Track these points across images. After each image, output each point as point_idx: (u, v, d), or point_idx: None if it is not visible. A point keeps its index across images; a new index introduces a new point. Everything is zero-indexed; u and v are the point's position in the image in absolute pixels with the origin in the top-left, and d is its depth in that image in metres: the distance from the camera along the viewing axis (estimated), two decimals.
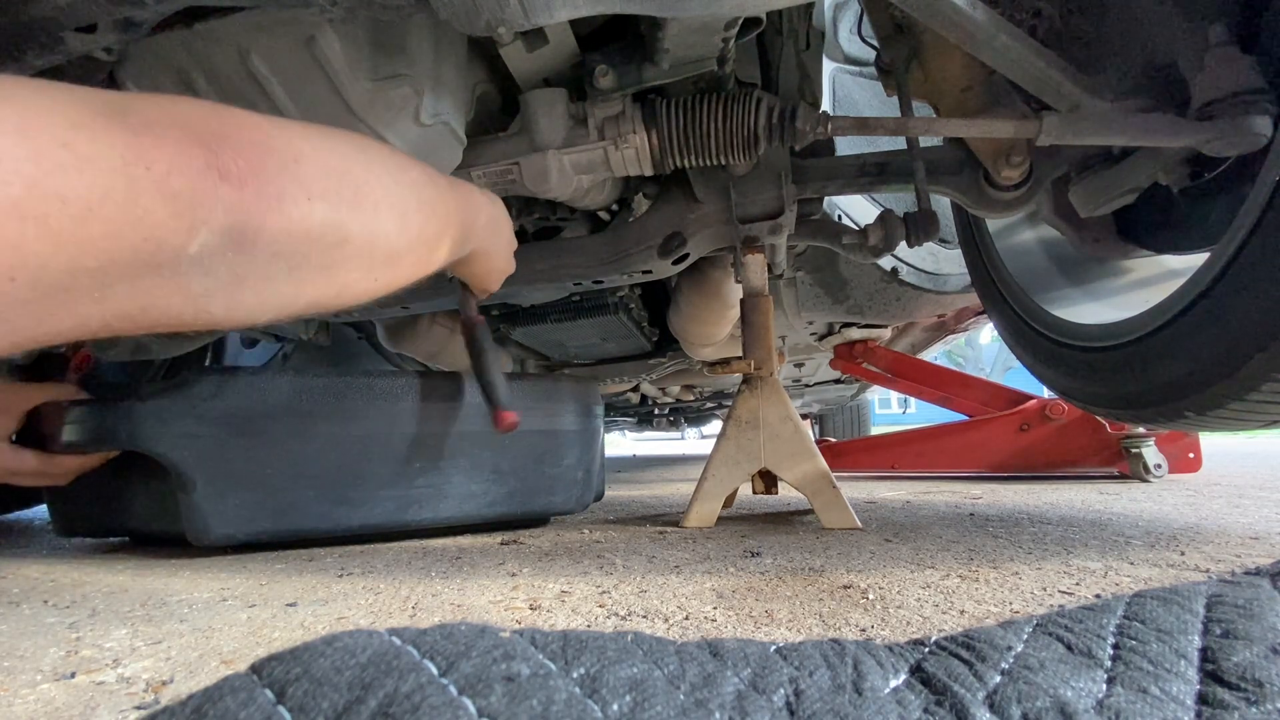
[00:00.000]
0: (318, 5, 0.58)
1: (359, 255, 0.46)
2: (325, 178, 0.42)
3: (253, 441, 0.91)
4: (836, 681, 0.21)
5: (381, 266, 0.49)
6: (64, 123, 0.29)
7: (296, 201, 0.39)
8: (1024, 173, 0.96)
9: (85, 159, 0.29)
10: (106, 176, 0.29)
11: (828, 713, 0.19)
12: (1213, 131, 0.71)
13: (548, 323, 1.50)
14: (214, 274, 0.37)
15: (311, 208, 0.40)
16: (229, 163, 0.35)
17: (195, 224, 0.34)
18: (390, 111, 0.73)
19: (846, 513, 1.02)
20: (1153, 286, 1.04)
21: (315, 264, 0.43)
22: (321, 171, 0.42)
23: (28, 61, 0.57)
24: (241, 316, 0.41)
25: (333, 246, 0.43)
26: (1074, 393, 1.05)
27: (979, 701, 0.21)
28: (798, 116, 0.90)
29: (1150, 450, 1.78)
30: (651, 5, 0.61)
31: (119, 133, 0.31)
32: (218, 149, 0.35)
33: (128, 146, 0.31)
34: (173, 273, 0.34)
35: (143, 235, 0.31)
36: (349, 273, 0.46)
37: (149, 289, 0.34)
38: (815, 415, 4.40)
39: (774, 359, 1.08)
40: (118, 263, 0.31)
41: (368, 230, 0.46)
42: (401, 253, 0.51)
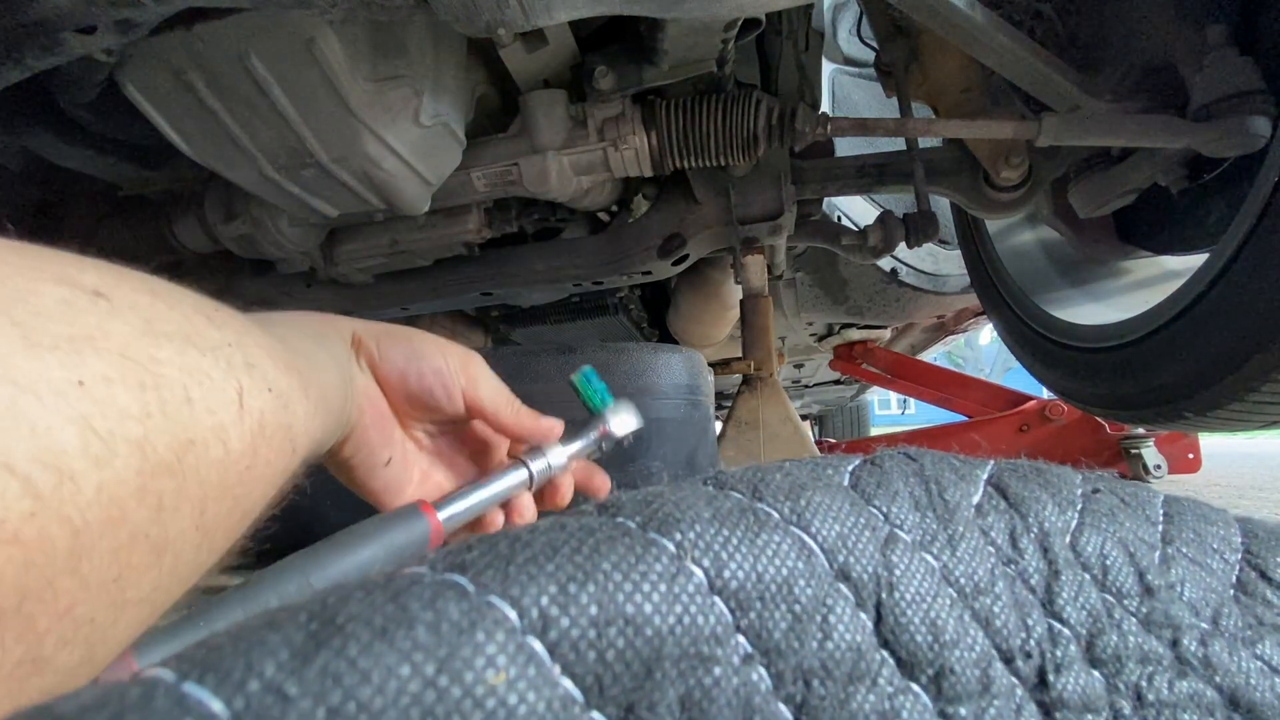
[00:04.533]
0: (317, 7, 0.58)
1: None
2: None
3: None
4: (926, 530, 0.19)
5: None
6: None
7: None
8: (1023, 174, 0.96)
9: None
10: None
11: (920, 607, 0.17)
12: (1211, 132, 0.71)
13: (547, 323, 1.50)
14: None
15: None
16: None
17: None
18: (390, 113, 0.73)
19: None
20: (1152, 287, 1.04)
21: None
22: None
23: (26, 63, 0.57)
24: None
25: None
26: (1073, 393, 1.05)
27: (1064, 538, 0.20)
28: (797, 117, 0.91)
29: (1150, 451, 1.78)
30: (651, 6, 0.61)
31: None
32: None
33: None
34: None
35: None
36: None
37: None
38: (815, 416, 4.40)
39: (773, 360, 1.08)
40: None
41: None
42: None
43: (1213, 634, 0.19)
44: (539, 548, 0.14)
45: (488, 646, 0.12)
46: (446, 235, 1.03)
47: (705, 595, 0.15)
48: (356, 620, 0.12)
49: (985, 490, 0.21)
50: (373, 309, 1.20)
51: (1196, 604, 0.20)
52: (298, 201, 0.83)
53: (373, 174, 0.77)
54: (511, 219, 1.06)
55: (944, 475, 0.21)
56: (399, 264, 1.10)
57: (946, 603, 0.17)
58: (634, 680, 0.13)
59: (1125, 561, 0.20)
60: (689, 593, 0.15)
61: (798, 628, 0.15)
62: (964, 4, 0.69)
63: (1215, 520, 0.22)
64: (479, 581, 0.13)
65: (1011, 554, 0.19)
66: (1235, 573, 0.21)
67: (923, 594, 0.17)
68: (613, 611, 0.14)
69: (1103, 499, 0.21)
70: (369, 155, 0.74)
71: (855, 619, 0.16)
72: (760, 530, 0.17)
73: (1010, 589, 0.18)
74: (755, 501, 0.18)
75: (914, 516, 0.19)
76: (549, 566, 0.14)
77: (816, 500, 0.18)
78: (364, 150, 0.74)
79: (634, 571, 0.14)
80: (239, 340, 0.24)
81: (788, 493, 0.18)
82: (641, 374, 0.85)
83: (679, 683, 0.14)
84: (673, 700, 0.13)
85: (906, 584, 0.17)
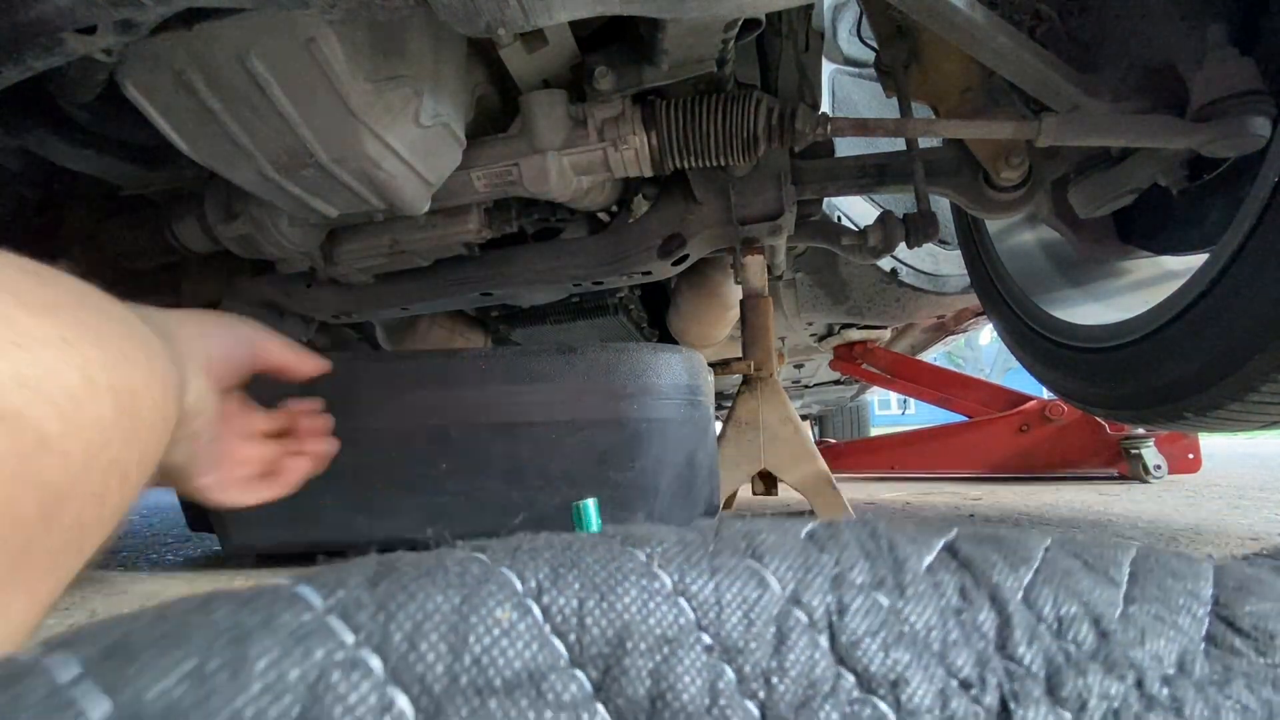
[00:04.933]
0: (317, 6, 0.58)
1: None
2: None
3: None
4: (877, 576, 0.20)
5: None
6: None
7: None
8: (1023, 174, 0.96)
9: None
10: None
11: (874, 632, 0.19)
12: (1212, 132, 0.71)
13: (547, 324, 1.50)
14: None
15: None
16: None
17: None
18: (390, 113, 0.72)
19: (847, 514, 1.02)
20: (1152, 287, 1.04)
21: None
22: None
23: (26, 63, 0.56)
24: None
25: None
26: (1074, 394, 1.05)
27: (1016, 594, 0.20)
28: (797, 118, 0.91)
29: (1150, 451, 1.78)
30: (651, 6, 0.61)
31: None
32: None
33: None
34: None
35: None
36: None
37: None
38: (815, 416, 4.40)
39: (773, 360, 1.08)
40: None
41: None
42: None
43: (1179, 677, 0.19)
44: (537, 542, 0.19)
45: (499, 594, 0.16)
46: (446, 235, 1.03)
47: (670, 596, 0.18)
48: (409, 566, 0.17)
49: (938, 554, 0.22)
50: (373, 309, 1.20)
51: (1160, 653, 0.20)
52: (298, 201, 0.83)
53: (373, 174, 0.77)
54: (511, 219, 1.06)
55: (896, 537, 0.22)
56: (399, 264, 1.10)
57: (899, 632, 0.19)
58: (610, 650, 0.16)
59: (1082, 614, 0.20)
60: (656, 590, 0.18)
61: (755, 633, 0.18)
62: (964, 4, 0.69)
63: (1184, 575, 0.23)
64: (492, 557, 0.18)
65: (960, 604, 0.20)
66: (1204, 627, 0.21)
67: (875, 623, 0.19)
68: (593, 593, 0.17)
69: (1061, 561, 0.22)
70: (369, 155, 0.74)
71: (811, 636, 0.18)
72: (718, 556, 0.19)
73: (962, 631, 0.19)
74: (715, 538, 0.20)
75: (864, 563, 0.21)
76: (545, 554, 0.18)
77: (771, 540, 0.20)
78: (364, 150, 0.74)
79: (610, 566, 0.18)
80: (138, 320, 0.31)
81: (744, 535, 0.21)
82: (642, 374, 0.85)
83: (648, 657, 0.16)
84: (644, 672, 0.16)
85: (858, 612, 0.19)
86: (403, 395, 0.83)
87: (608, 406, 0.84)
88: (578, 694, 0.16)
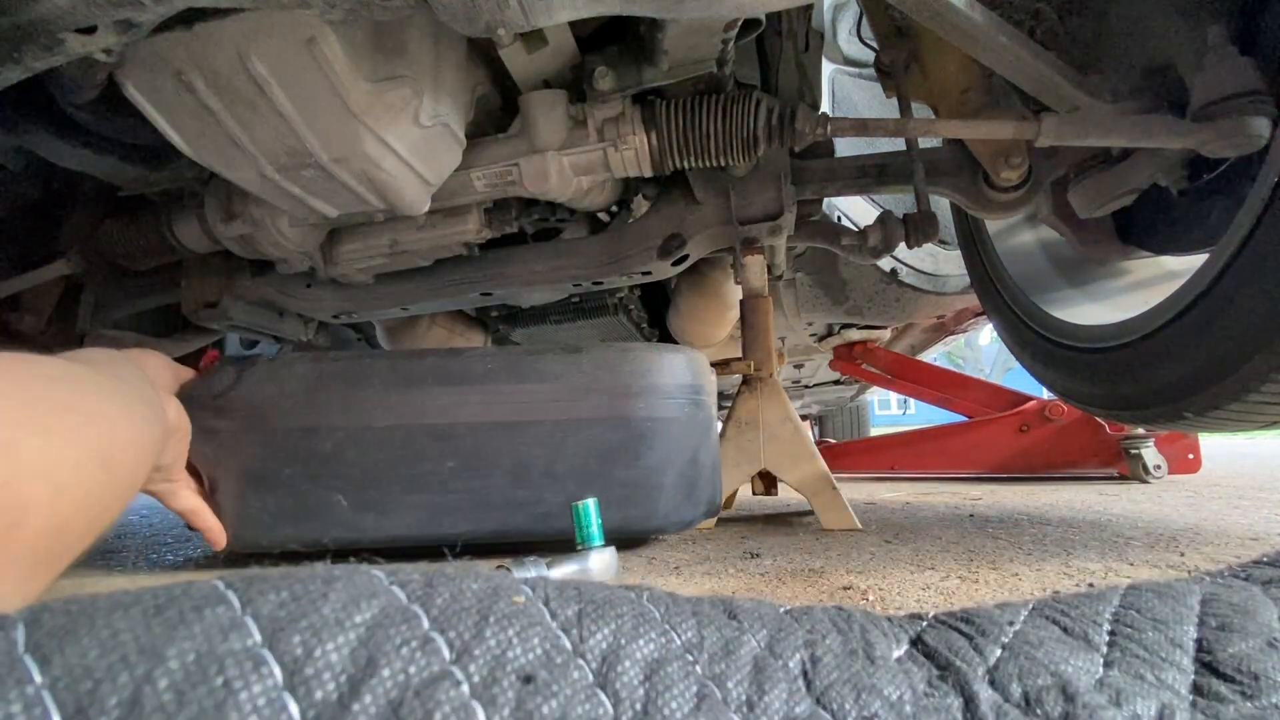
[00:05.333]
0: (317, 7, 0.59)
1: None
2: None
3: (268, 437, 0.80)
4: (848, 647, 0.21)
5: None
6: None
7: None
8: (1023, 174, 0.96)
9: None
10: None
11: (845, 682, 0.20)
12: (1212, 133, 0.71)
13: (548, 323, 1.50)
14: None
15: None
16: None
17: None
18: (390, 113, 0.72)
19: (846, 514, 1.02)
20: (1152, 288, 1.04)
21: None
22: None
23: (26, 63, 0.57)
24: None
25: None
26: (1073, 394, 1.05)
27: (980, 677, 0.21)
28: (797, 118, 0.91)
29: (1150, 451, 1.78)
30: (651, 6, 0.61)
31: None
32: None
33: None
34: None
35: None
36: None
37: None
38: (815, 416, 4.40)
39: (773, 360, 1.08)
40: None
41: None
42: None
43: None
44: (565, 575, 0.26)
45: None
46: (446, 235, 1.03)
47: (659, 623, 0.20)
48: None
49: (907, 649, 0.23)
50: (373, 309, 1.20)
51: (1139, 711, 0.20)
52: (298, 201, 0.83)
53: (373, 174, 0.77)
54: (511, 219, 1.06)
55: (869, 624, 0.24)
56: (399, 264, 1.10)
57: (871, 686, 0.20)
58: (608, 647, 0.19)
59: (1052, 685, 0.21)
60: (645, 615, 0.20)
61: (736, 667, 0.20)
62: (964, 4, 0.69)
63: (1167, 622, 0.24)
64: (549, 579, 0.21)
65: (927, 690, 0.21)
66: (1190, 678, 0.22)
67: (848, 675, 0.20)
68: (589, 604, 0.20)
69: (1035, 632, 0.23)
70: (369, 155, 0.74)
71: (789, 677, 0.20)
72: (699, 605, 0.22)
73: (933, 707, 0.20)
74: (694, 598, 0.23)
75: (836, 635, 0.22)
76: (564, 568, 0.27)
77: (747, 606, 0.23)
78: (364, 150, 0.74)
79: (605, 591, 0.22)
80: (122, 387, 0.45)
81: (722, 600, 0.23)
82: (647, 373, 0.85)
83: (640, 666, 0.19)
84: (638, 674, 0.18)
85: (831, 666, 0.21)
86: (406, 393, 0.82)
87: (613, 405, 0.84)
88: (579, 677, 0.17)
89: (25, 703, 0.14)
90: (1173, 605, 0.24)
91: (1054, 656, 0.22)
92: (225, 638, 0.16)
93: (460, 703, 0.16)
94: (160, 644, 0.15)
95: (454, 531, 0.81)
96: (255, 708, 0.15)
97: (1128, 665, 0.22)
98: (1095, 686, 0.21)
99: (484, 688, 0.16)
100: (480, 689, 0.16)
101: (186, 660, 0.15)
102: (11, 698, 0.14)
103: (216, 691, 0.15)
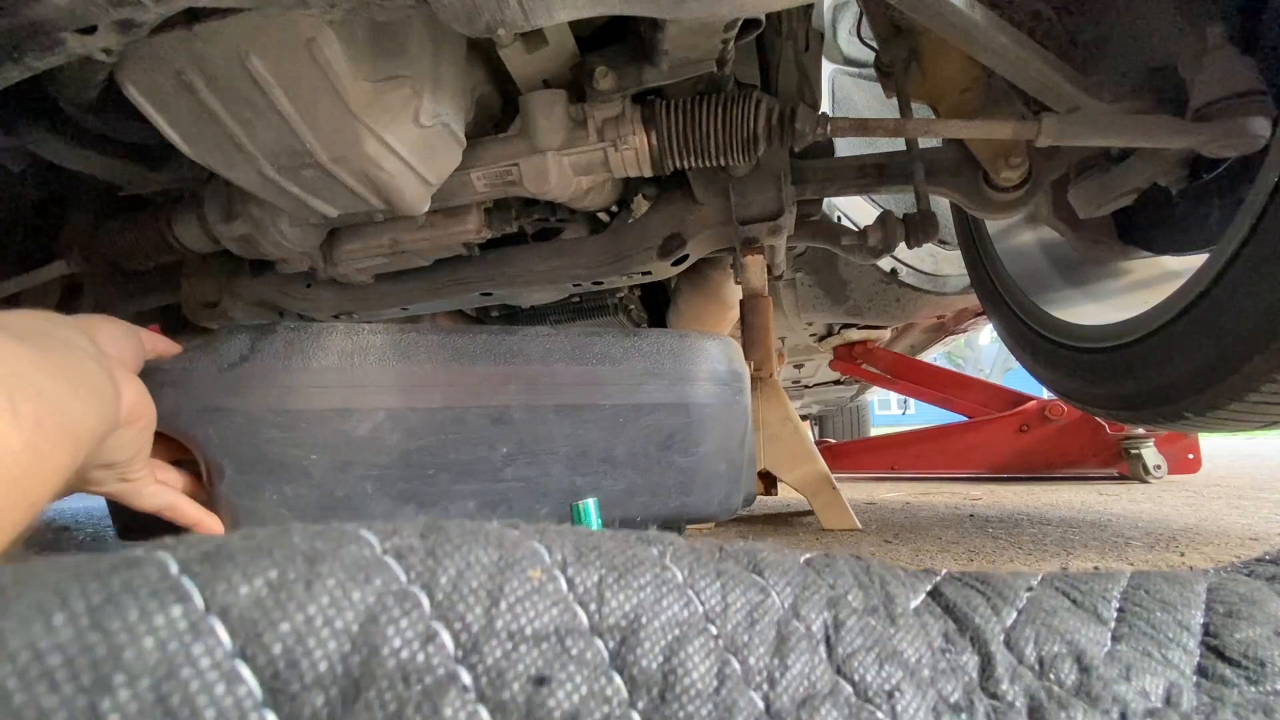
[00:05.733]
0: (317, 6, 0.59)
1: None
2: None
3: (292, 419, 0.71)
4: (869, 604, 0.21)
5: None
6: None
7: None
8: (1023, 174, 0.96)
9: None
10: None
11: (866, 649, 0.20)
12: (1211, 133, 0.71)
13: (548, 324, 1.50)
14: None
15: None
16: None
17: None
18: (389, 113, 0.72)
19: (846, 514, 1.02)
20: (1152, 288, 1.04)
21: None
22: None
23: (26, 63, 0.57)
24: None
25: None
26: (1073, 394, 1.05)
27: (996, 636, 0.21)
28: (797, 118, 0.91)
29: (1150, 451, 1.78)
30: (651, 6, 0.61)
31: None
32: None
33: None
34: None
35: None
36: None
37: None
38: (815, 416, 4.40)
39: (773, 360, 1.08)
40: None
41: None
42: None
43: (1165, 710, 0.20)
44: (561, 528, 0.22)
45: (530, 559, 0.19)
46: (446, 235, 1.03)
47: (680, 587, 0.20)
48: (454, 526, 0.19)
49: (925, 599, 0.23)
50: (373, 309, 1.20)
51: (1147, 688, 0.20)
52: (298, 201, 0.83)
53: (373, 174, 0.77)
54: (511, 219, 1.06)
55: (887, 574, 0.24)
56: (399, 264, 1.10)
57: (891, 651, 0.20)
58: (627, 624, 0.18)
59: (1065, 653, 0.21)
60: (668, 580, 0.20)
61: (759, 633, 0.19)
62: (964, 4, 0.69)
63: (1175, 605, 0.24)
64: (523, 532, 0.21)
65: (945, 645, 0.21)
66: (1195, 659, 0.22)
67: (869, 641, 0.20)
68: (612, 572, 0.20)
69: (1047, 600, 0.23)
70: (369, 155, 0.74)
71: (810, 644, 0.20)
72: (724, 562, 0.21)
73: (949, 666, 0.20)
74: (719, 549, 0.22)
75: (858, 591, 0.22)
76: (570, 535, 0.21)
77: (771, 559, 0.22)
78: (364, 150, 0.74)
79: (628, 553, 0.21)
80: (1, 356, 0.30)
81: (746, 551, 0.22)
82: (702, 359, 0.83)
83: (660, 636, 0.18)
84: (657, 649, 0.18)
85: (853, 630, 0.20)
86: (459, 371, 0.76)
87: (673, 390, 0.81)
88: (595, 659, 0.17)
89: (190, 619, 0.14)
90: (1180, 590, 0.24)
91: (1067, 625, 0.22)
92: (187, 650, 0.14)
93: (467, 713, 0.15)
94: (103, 667, 0.13)
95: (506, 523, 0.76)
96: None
97: (1136, 641, 0.22)
98: (1106, 659, 0.21)
99: (492, 690, 0.15)
100: (488, 691, 0.15)
101: (139, 689, 0.13)
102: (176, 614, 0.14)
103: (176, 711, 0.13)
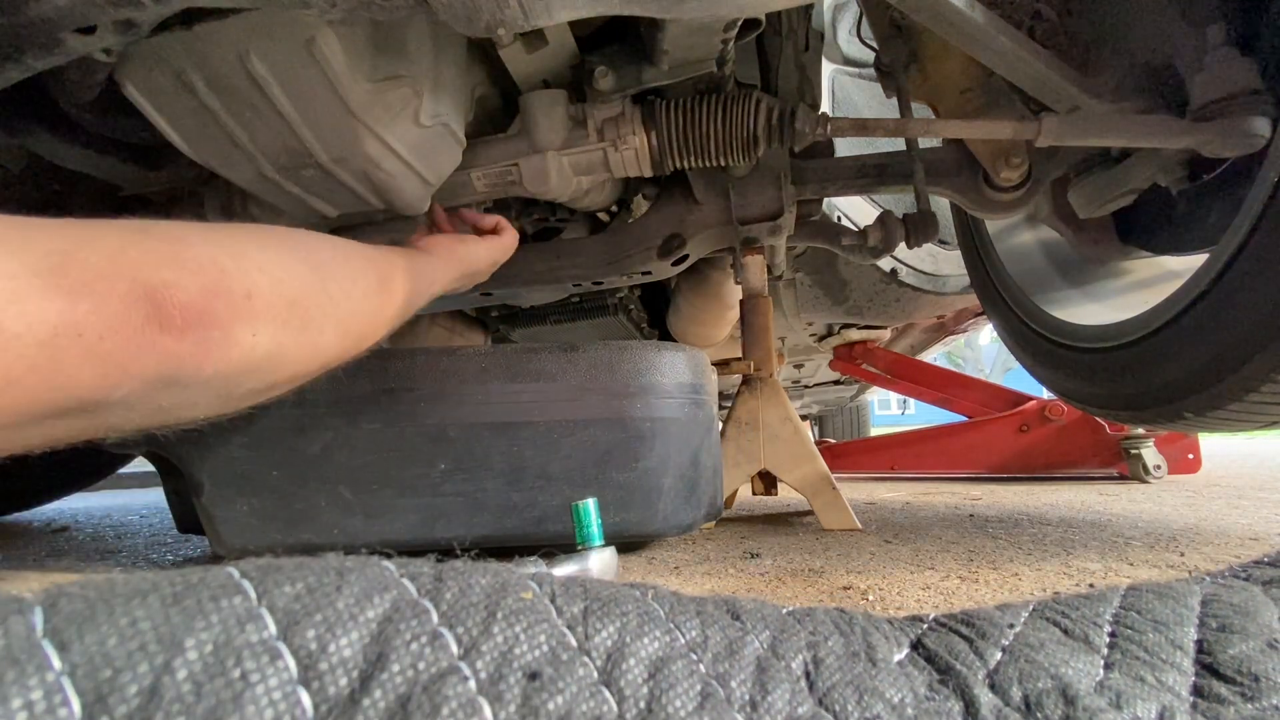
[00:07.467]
0: (317, 7, 0.58)
1: (293, 372, 0.46)
2: (274, 310, 0.41)
3: (254, 438, 0.79)
4: (850, 649, 0.22)
5: (315, 371, 0.49)
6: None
7: (240, 341, 0.39)
8: (1023, 174, 0.96)
9: (12, 336, 0.29)
10: (33, 350, 0.30)
11: (847, 684, 0.20)
12: (1211, 133, 0.71)
13: (548, 324, 1.50)
14: (136, 408, 0.37)
15: (255, 343, 0.40)
16: (172, 313, 0.35)
17: (122, 379, 0.34)
18: (389, 113, 0.72)
19: (846, 514, 1.02)
20: (1152, 288, 1.04)
21: (247, 387, 0.42)
22: (271, 305, 0.41)
23: (26, 63, 0.56)
24: (155, 426, 0.40)
25: (269, 371, 0.43)
26: (1073, 394, 1.05)
27: (980, 681, 0.21)
28: (797, 118, 0.91)
29: (1150, 451, 1.78)
30: (651, 6, 0.61)
31: (53, 299, 0.31)
32: (163, 299, 0.35)
33: (60, 315, 0.31)
34: (90, 414, 0.35)
35: (65, 394, 0.32)
36: (278, 387, 0.46)
37: (65, 424, 0.35)
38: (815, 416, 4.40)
39: (773, 360, 1.08)
40: (34, 415, 0.32)
41: (307, 351, 0.45)
42: (336, 358, 0.51)
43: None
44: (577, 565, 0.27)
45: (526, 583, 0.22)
46: None
47: (663, 621, 0.21)
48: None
49: (908, 652, 0.24)
50: None
51: (1140, 715, 0.20)
52: (298, 201, 0.83)
53: (373, 174, 0.77)
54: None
55: (870, 626, 0.24)
56: None
57: (873, 689, 0.20)
58: (612, 644, 0.19)
59: (1051, 689, 0.21)
60: (650, 613, 0.21)
61: (740, 667, 0.20)
62: (964, 4, 0.69)
63: (1168, 624, 0.24)
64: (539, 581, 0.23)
65: (928, 694, 0.21)
66: (1190, 679, 0.22)
67: (850, 677, 0.21)
68: (595, 601, 0.21)
69: (1035, 635, 0.23)
70: (369, 155, 0.74)
71: (791, 678, 0.20)
72: (703, 605, 0.22)
73: (934, 710, 0.21)
74: (698, 598, 0.23)
75: (838, 637, 0.23)
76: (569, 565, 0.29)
77: (750, 607, 0.23)
78: (364, 150, 0.74)
79: (610, 589, 0.22)
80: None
81: (726, 600, 0.23)
82: (645, 372, 0.84)
83: (645, 664, 0.19)
84: (642, 672, 0.19)
85: (833, 669, 0.21)
86: (397, 392, 0.81)
87: (610, 405, 0.82)
88: (584, 674, 0.18)
89: (45, 689, 0.14)
90: (1173, 606, 0.24)
91: (1054, 659, 0.22)
92: (242, 629, 0.16)
93: (467, 698, 0.16)
94: (179, 633, 0.15)
95: (447, 535, 0.80)
96: (271, 701, 0.15)
97: (1128, 667, 0.22)
98: (1096, 689, 0.21)
99: (491, 683, 0.16)
100: (487, 684, 0.16)
101: (204, 651, 0.15)
102: (32, 684, 0.14)
103: (234, 684, 0.15)
